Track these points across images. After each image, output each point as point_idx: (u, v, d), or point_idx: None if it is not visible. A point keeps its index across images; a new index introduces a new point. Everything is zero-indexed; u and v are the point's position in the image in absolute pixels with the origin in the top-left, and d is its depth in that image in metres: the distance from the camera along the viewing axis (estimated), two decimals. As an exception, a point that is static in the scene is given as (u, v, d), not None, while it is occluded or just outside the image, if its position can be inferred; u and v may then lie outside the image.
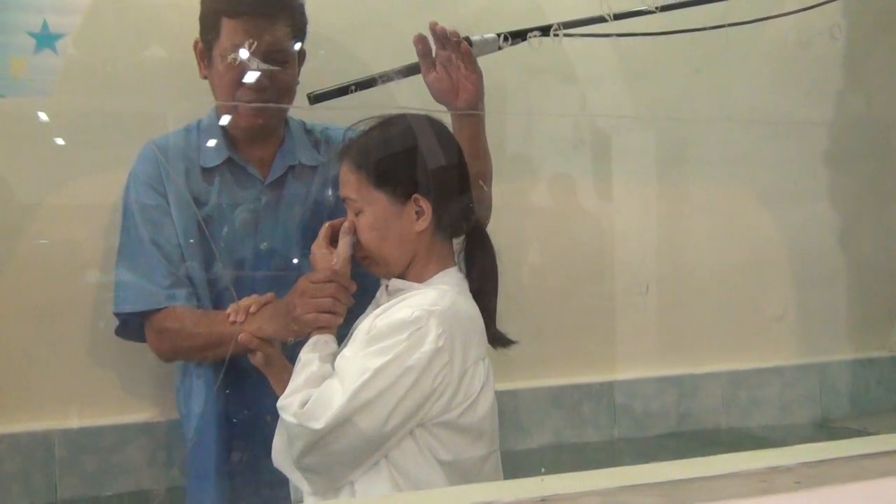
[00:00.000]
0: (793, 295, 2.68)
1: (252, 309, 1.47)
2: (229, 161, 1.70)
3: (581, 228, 2.44)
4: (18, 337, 1.89)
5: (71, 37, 0.83)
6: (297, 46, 1.71)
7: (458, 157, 1.46)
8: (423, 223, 1.38)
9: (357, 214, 1.40)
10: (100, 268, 1.89)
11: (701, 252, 2.55)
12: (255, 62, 1.60)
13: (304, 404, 1.26)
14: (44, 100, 1.64)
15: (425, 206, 1.37)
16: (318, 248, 1.41)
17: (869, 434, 2.51)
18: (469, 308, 1.38)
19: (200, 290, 1.65)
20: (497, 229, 1.76)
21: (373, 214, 1.38)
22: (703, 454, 2.34)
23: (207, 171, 1.69)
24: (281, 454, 1.31)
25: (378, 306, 1.42)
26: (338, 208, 1.58)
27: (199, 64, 1.69)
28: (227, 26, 1.59)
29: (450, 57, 1.57)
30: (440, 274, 1.41)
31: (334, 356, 1.34)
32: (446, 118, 1.60)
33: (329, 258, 1.38)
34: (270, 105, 1.65)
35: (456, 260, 1.46)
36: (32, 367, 1.90)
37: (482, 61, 1.68)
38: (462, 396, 1.31)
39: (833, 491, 1.10)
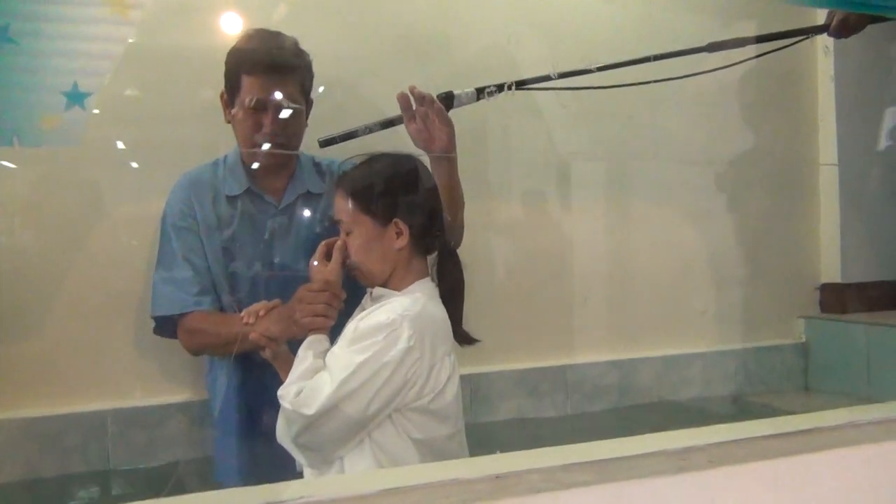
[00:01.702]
0: (714, 293, 2.63)
1: (261, 313, 1.45)
2: (248, 191, 1.68)
3: (544, 240, 2.38)
4: (77, 331, 1.84)
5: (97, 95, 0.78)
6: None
7: (432, 189, 1.45)
8: (402, 242, 1.37)
9: (347, 234, 1.39)
10: (146, 274, 1.83)
11: (639, 259, 2.51)
12: (271, 112, 1.59)
13: (298, 394, 1.25)
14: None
15: (403, 228, 1.36)
16: (315, 262, 1.39)
17: (772, 409, 2.46)
18: (438, 312, 1.36)
19: (224, 299, 1.64)
20: (474, 241, 1.72)
21: (360, 235, 1.37)
22: (638, 424, 2.34)
23: (230, 199, 1.67)
24: (282, 434, 1.28)
25: (363, 310, 1.39)
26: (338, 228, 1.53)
27: (224, 111, 1.66)
28: (246, 82, 1.58)
29: (426, 113, 1.52)
30: (416, 284, 1.39)
31: (326, 353, 1.31)
32: (426, 159, 1.56)
33: (324, 271, 1.36)
34: (279, 151, 1.65)
35: (430, 272, 1.42)
36: (89, 356, 1.85)
37: (465, 109, 1.65)
38: (431, 386, 1.29)
39: (740, 469, 1.04)
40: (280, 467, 1.41)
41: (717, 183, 2.60)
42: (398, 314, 1.26)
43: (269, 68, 1.58)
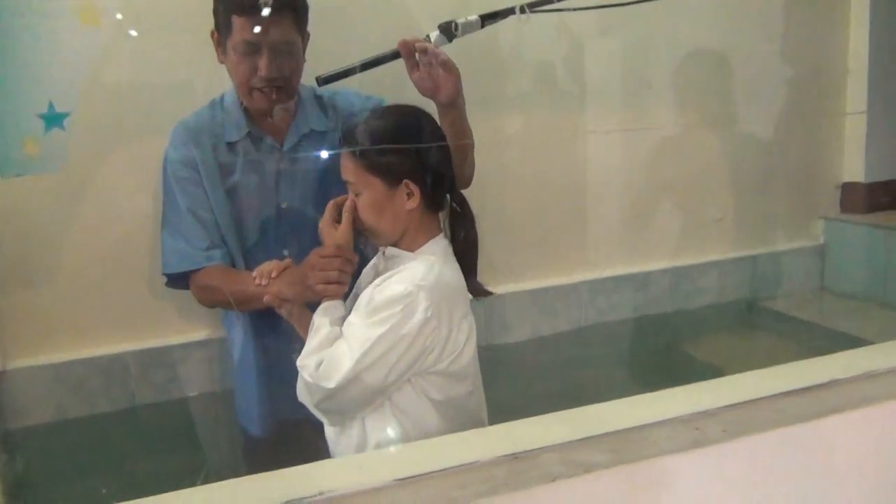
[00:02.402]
0: (732, 199, 2.57)
1: (273, 274, 1.40)
2: (249, 134, 1.59)
3: (555, 154, 2.31)
4: (91, 277, 1.84)
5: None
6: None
7: (442, 144, 1.36)
8: (413, 203, 1.31)
9: (357, 195, 1.32)
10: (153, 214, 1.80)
11: (655, 168, 2.44)
12: (266, 53, 1.48)
13: (318, 365, 1.24)
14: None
15: (414, 188, 1.30)
16: (325, 225, 1.33)
17: (785, 317, 2.46)
18: (453, 276, 1.32)
19: (234, 249, 1.58)
20: (484, 160, 1.65)
21: (370, 196, 1.30)
22: (650, 336, 2.37)
23: (231, 145, 1.58)
24: (303, 397, 1.29)
25: (377, 270, 1.37)
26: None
27: (216, 51, 1.55)
28: (238, 23, 1.46)
29: (430, 61, 1.43)
30: (429, 243, 1.34)
31: (343, 319, 1.30)
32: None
33: (335, 234, 1.32)
34: (277, 95, 1.54)
35: (442, 226, 1.38)
36: (105, 301, 1.87)
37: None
38: (450, 350, 1.28)
39: (756, 440, 1.04)
40: (300, 416, 1.43)
41: (738, 84, 2.49)
42: (414, 284, 1.23)
43: (260, 7, 1.46)
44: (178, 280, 1.60)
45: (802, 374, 1.25)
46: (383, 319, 1.22)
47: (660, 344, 2.39)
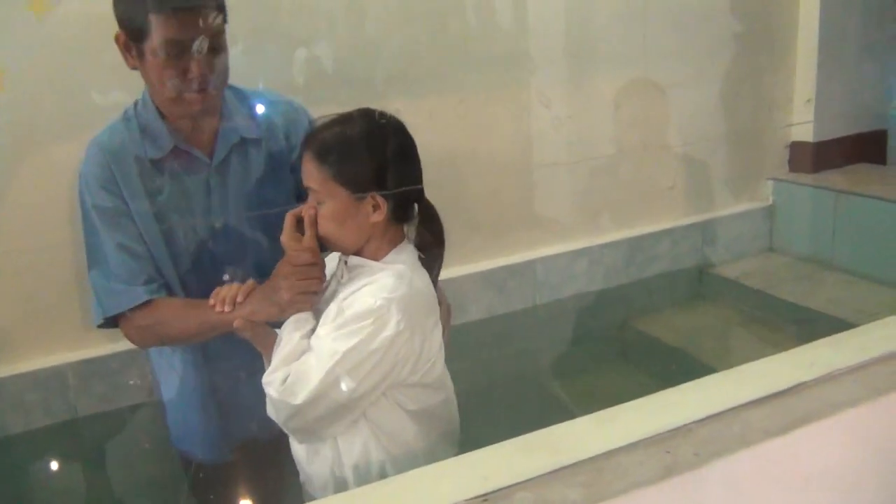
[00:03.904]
0: (681, 165, 2.59)
1: (239, 298, 1.32)
2: (175, 149, 1.42)
3: (499, 130, 2.26)
4: (17, 288, 1.74)
5: None
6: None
7: (412, 154, 1.30)
8: (378, 216, 1.25)
9: (319, 203, 1.26)
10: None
11: (603, 140, 2.43)
12: (193, 55, 1.32)
13: (284, 381, 1.20)
14: None
15: (381, 201, 1.25)
16: (288, 236, 1.26)
17: (737, 285, 2.51)
18: (423, 284, 1.28)
19: (169, 278, 1.43)
20: (430, 139, 1.59)
21: (333, 206, 1.25)
22: (603, 310, 2.39)
23: (155, 162, 1.40)
24: (271, 414, 1.25)
25: (338, 279, 1.31)
26: (280, 180, 1.46)
27: (124, 56, 1.36)
28: (157, 22, 1.30)
29: None
30: (394, 251, 1.29)
31: (312, 331, 1.26)
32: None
33: (301, 245, 1.26)
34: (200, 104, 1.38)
35: (406, 233, 1.33)
36: (39, 311, 1.79)
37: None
38: (424, 360, 1.26)
39: (729, 462, 1.06)
40: (257, 438, 1.41)
41: (686, 45, 2.47)
42: (384, 297, 1.20)
43: (181, 2, 1.30)
44: (110, 321, 1.44)
45: (765, 378, 1.27)
46: (353, 332, 1.18)
47: (614, 319, 2.43)
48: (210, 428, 1.55)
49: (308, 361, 1.20)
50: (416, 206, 1.31)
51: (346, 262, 1.31)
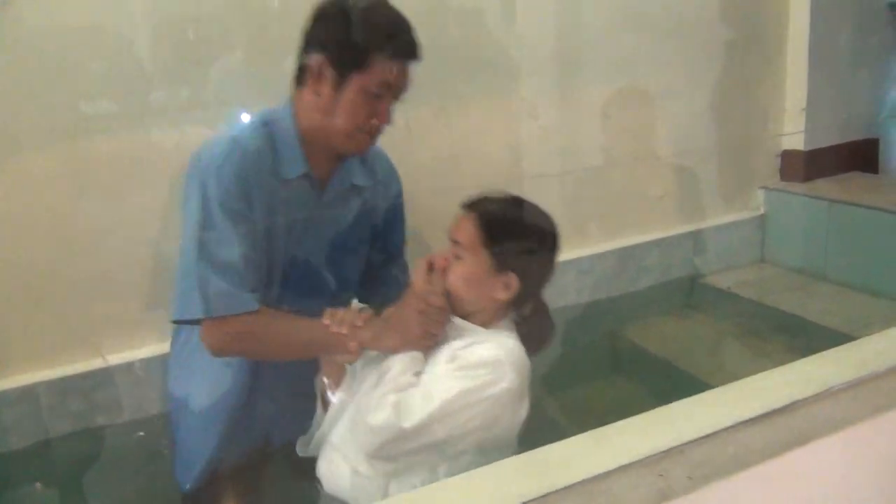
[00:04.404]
0: (671, 174, 2.56)
1: (358, 322, 1.34)
2: (305, 175, 1.45)
3: (487, 140, 2.22)
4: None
5: None
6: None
7: (556, 257, 1.43)
8: (505, 295, 1.34)
9: (457, 258, 1.35)
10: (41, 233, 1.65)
11: (591, 149, 2.40)
12: (389, 101, 1.43)
13: (395, 405, 1.23)
14: None
15: (515, 283, 1.33)
16: (423, 279, 1.34)
17: (728, 295, 2.48)
18: (526, 356, 1.35)
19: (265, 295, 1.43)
20: (419, 147, 1.60)
21: (471, 267, 1.34)
22: (592, 322, 2.36)
23: (283, 182, 1.43)
24: (362, 436, 1.26)
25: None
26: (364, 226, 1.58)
27: (313, 80, 1.40)
28: (380, 63, 1.37)
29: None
30: (500, 323, 1.38)
31: (420, 374, 1.31)
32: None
33: (435, 290, 1.33)
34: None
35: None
36: (7, 329, 1.74)
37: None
38: (514, 423, 1.31)
39: (722, 488, 1.02)
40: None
41: (676, 54, 2.46)
42: (503, 355, 1.28)
43: (412, 55, 1.41)
44: (193, 320, 1.40)
45: (760, 395, 1.24)
46: (471, 377, 1.25)
47: (604, 331, 2.39)
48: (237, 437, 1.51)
49: (419, 391, 1.25)
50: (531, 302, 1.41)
51: (452, 321, 1.36)
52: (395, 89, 1.42)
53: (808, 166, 2.71)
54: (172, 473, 1.54)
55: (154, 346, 1.86)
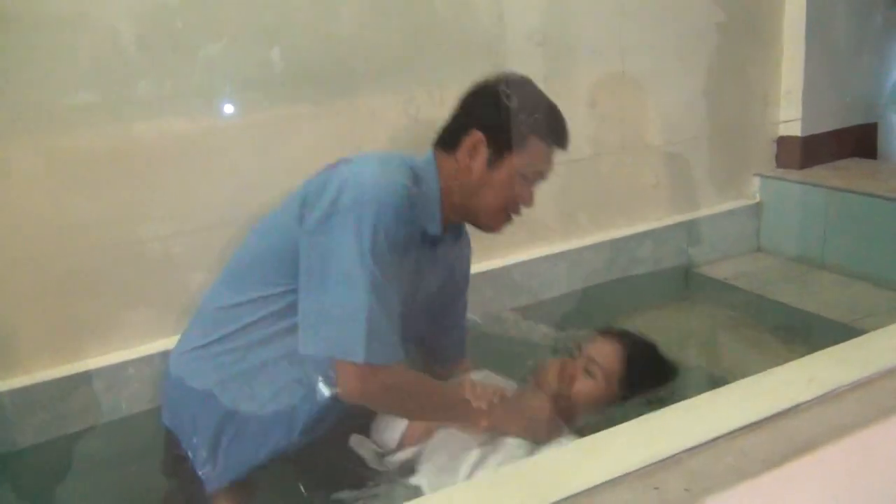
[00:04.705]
0: (664, 162, 2.49)
1: (496, 400, 1.39)
2: (437, 236, 1.47)
3: None
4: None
5: None
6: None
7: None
8: None
9: (587, 373, 1.49)
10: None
11: (581, 137, 2.31)
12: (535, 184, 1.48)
13: None
14: None
15: None
16: (558, 380, 1.50)
17: (722, 284, 2.42)
18: None
19: None
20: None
21: (599, 391, 1.48)
22: (584, 312, 2.29)
23: (425, 237, 1.43)
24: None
25: None
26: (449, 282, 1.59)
27: (462, 150, 1.43)
28: (538, 148, 1.44)
29: None
30: None
31: None
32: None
33: (569, 402, 1.47)
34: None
35: None
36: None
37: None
38: None
39: (723, 498, 0.96)
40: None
41: (667, 37, 2.38)
42: None
43: (564, 143, 1.48)
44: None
45: (760, 398, 1.17)
46: None
47: (595, 323, 2.32)
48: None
49: None
50: None
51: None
52: (546, 174, 1.48)
53: (804, 153, 2.64)
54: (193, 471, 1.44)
55: (136, 348, 1.81)
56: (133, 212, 1.76)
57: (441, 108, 1.49)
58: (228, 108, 1.86)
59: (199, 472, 1.40)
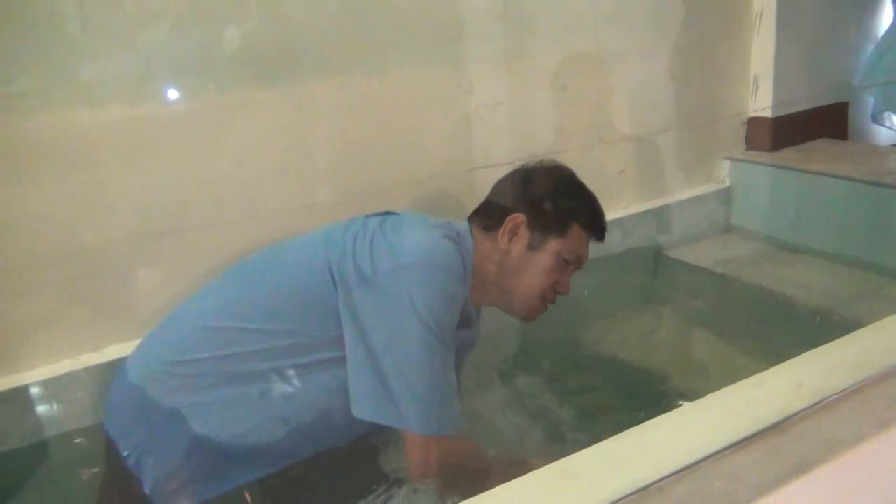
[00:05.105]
0: (631, 148, 2.38)
1: None
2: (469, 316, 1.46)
3: (406, 123, 1.99)
4: None
5: None
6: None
7: None
8: None
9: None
10: None
11: (543, 124, 2.20)
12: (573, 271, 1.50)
13: None
14: None
15: None
16: None
17: (694, 266, 2.33)
18: None
19: None
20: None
21: None
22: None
23: (462, 316, 1.36)
24: None
25: None
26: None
27: (502, 232, 1.45)
28: (579, 236, 1.47)
29: None
30: None
31: None
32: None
33: None
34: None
35: None
36: None
37: None
38: None
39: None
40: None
41: (631, 15, 2.27)
42: None
43: (602, 234, 1.54)
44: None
45: (746, 410, 1.07)
46: None
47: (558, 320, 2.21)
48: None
49: None
50: None
51: None
52: (582, 263, 1.49)
53: (775, 134, 2.56)
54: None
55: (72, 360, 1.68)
56: (71, 206, 1.62)
57: (382, 90, 1.37)
58: (173, 94, 1.73)
59: (147, 491, 1.28)
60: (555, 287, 1.46)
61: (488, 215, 1.48)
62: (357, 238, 1.34)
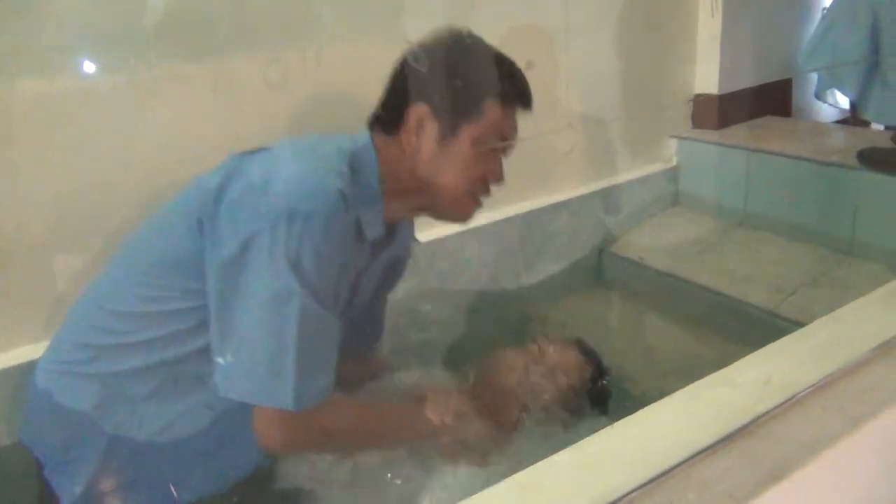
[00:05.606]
0: (578, 127, 2.32)
1: (463, 409, 1.26)
2: (378, 239, 1.25)
3: (346, 98, 1.86)
4: None
5: None
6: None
7: None
8: None
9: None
10: None
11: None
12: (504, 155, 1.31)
13: None
14: None
15: None
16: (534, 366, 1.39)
17: (640, 264, 2.29)
18: None
19: None
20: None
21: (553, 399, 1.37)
22: (494, 304, 2.13)
23: (359, 242, 1.21)
24: None
25: None
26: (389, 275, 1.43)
27: (404, 131, 1.23)
28: (497, 112, 1.24)
29: None
30: None
31: None
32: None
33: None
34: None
35: None
36: None
37: None
38: None
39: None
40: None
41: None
42: None
43: (527, 101, 1.30)
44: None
45: (713, 411, 1.02)
46: None
47: (505, 311, 2.15)
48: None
49: None
50: None
51: None
52: (511, 142, 1.30)
53: (722, 111, 2.54)
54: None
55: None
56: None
57: (316, 68, 1.26)
58: (90, 67, 1.59)
59: None
60: (484, 177, 1.28)
61: (386, 115, 1.27)
62: (221, 184, 1.14)
